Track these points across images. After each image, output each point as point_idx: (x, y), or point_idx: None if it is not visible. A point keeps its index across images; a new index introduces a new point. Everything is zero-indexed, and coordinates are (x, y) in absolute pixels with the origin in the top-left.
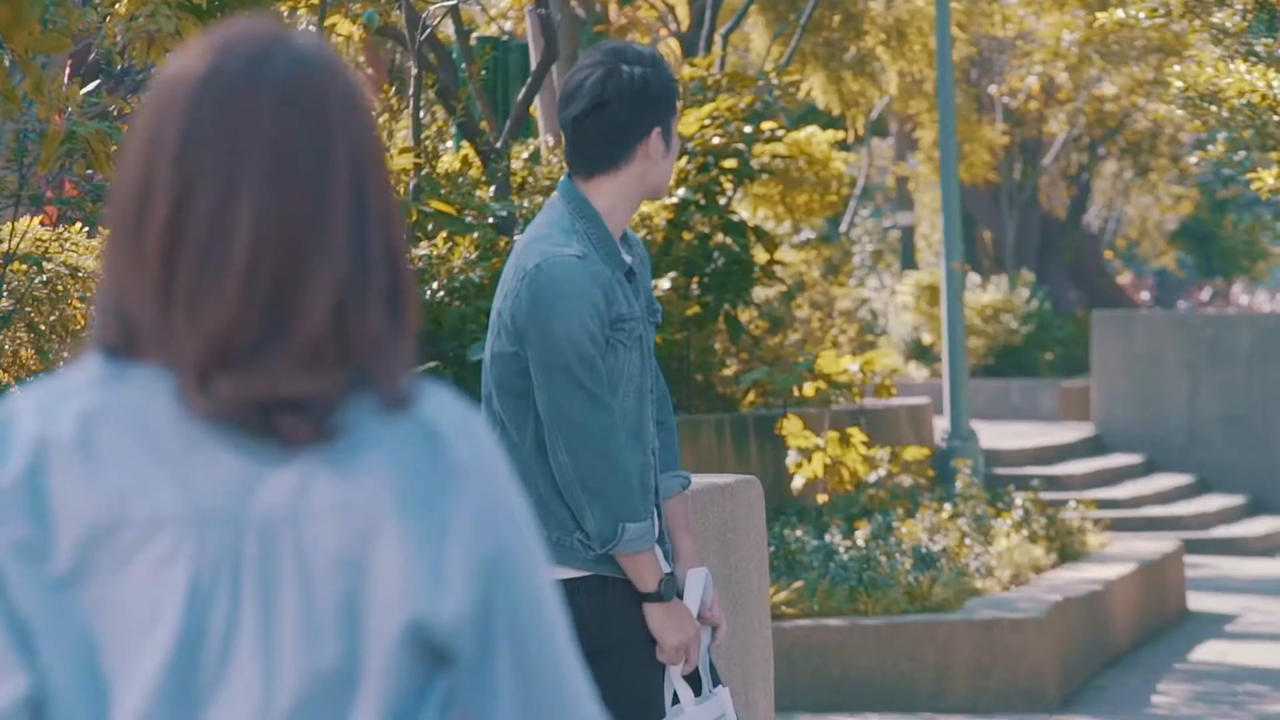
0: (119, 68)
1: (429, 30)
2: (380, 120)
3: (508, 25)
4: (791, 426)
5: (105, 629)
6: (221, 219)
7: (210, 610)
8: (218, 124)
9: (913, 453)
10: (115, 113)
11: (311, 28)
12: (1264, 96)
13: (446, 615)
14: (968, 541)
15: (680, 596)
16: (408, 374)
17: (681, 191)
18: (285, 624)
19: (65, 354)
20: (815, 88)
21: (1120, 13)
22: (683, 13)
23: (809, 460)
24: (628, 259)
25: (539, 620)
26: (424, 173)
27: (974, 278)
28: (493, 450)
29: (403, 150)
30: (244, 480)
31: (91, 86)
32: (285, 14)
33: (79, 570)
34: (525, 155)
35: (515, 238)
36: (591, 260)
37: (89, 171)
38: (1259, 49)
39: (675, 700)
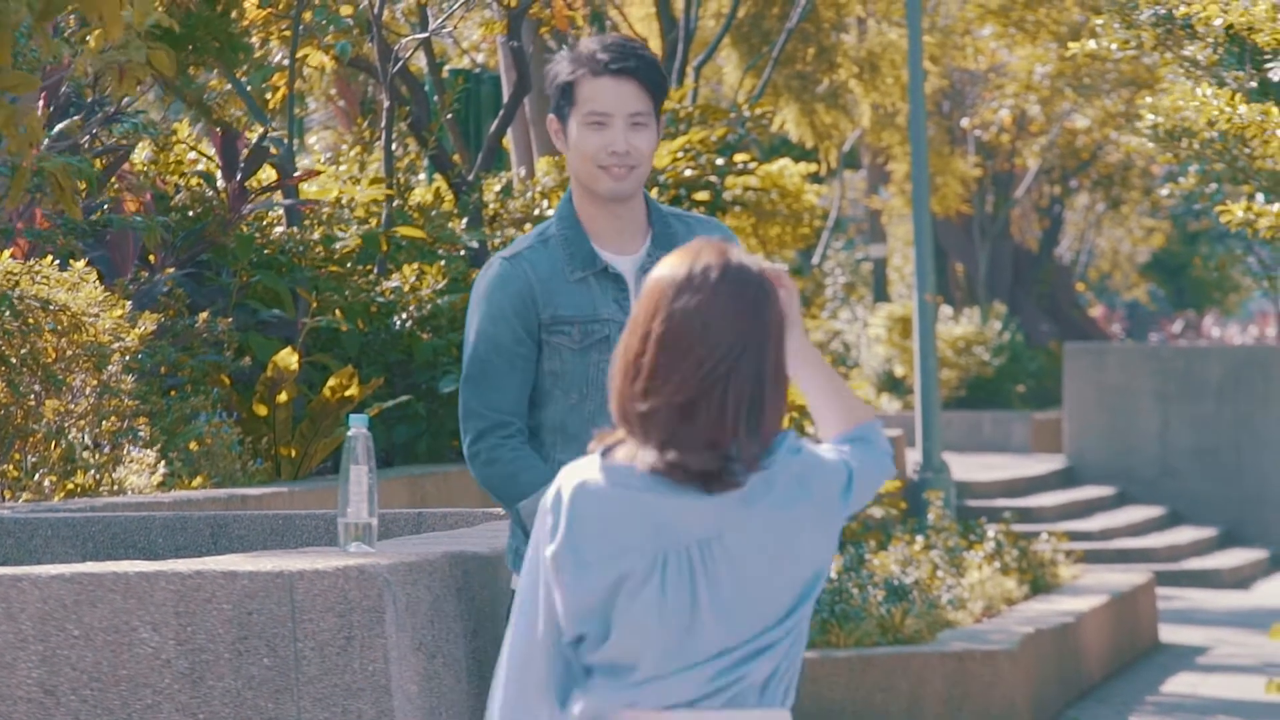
0: (90, 100)
1: (401, 63)
2: (353, 153)
3: (480, 58)
4: None
5: (622, 614)
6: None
7: (680, 589)
8: (693, 307)
9: (885, 485)
10: (86, 146)
11: (284, 60)
12: (1229, 119)
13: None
14: (940, 574)
15: None
16: (763, 451)
17: None
18: (725, 589)
19: (36, 387)
20: (788, 120)
21: (1092, 43)
22: (655, 45)
23: None
24: (610, 260)
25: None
26: (396, 205)
27: (946, 310)
28: (807, 459)
29: (373, 181)
30: (686, 512)
31: (65, 124)
32: (258, 45)
33: (604, 590)
34: (498, 187)
35: None
36: (526, 261)
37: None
38: (1230, 82)
39: None
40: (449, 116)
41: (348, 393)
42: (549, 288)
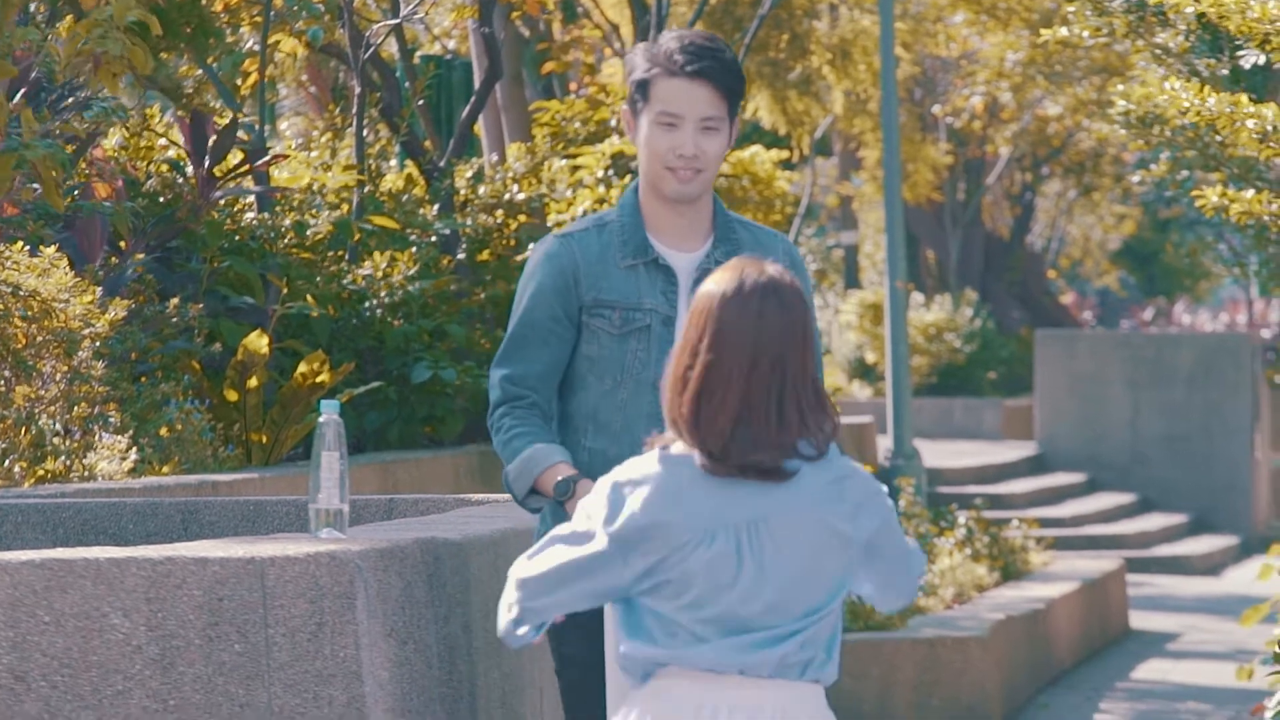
0: (60, 85)
1: (372, 49)
2: (324, 139)
3: (451, 44)
4: None
5: (680, 578)
6: (750, 378)
7: (730, 564)
8: (741, 322)
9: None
10: (57, 132)
11: (255, 46)
12: (1198, 113)
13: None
14: None
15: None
16: (820, 447)
17: None
18: (769, 566)
19: (6, 373)
20: (760, 107)
21: (1064, 31)
22: (627, 32)
23: None
24: (664, 252)
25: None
26: (367, 191)
27: (917, 297)
28: (863, 473)
29: (345, 168)
30: (737, 502)
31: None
32: (229, 31)
33: (663, 557)
34: (469, 174)
35: (459, 256)
36: (576, 241)
37: (34, 187)
38: (1202, 69)
39: None
40: (420, 103)
41: (319, 379)
42: (595, 270)
